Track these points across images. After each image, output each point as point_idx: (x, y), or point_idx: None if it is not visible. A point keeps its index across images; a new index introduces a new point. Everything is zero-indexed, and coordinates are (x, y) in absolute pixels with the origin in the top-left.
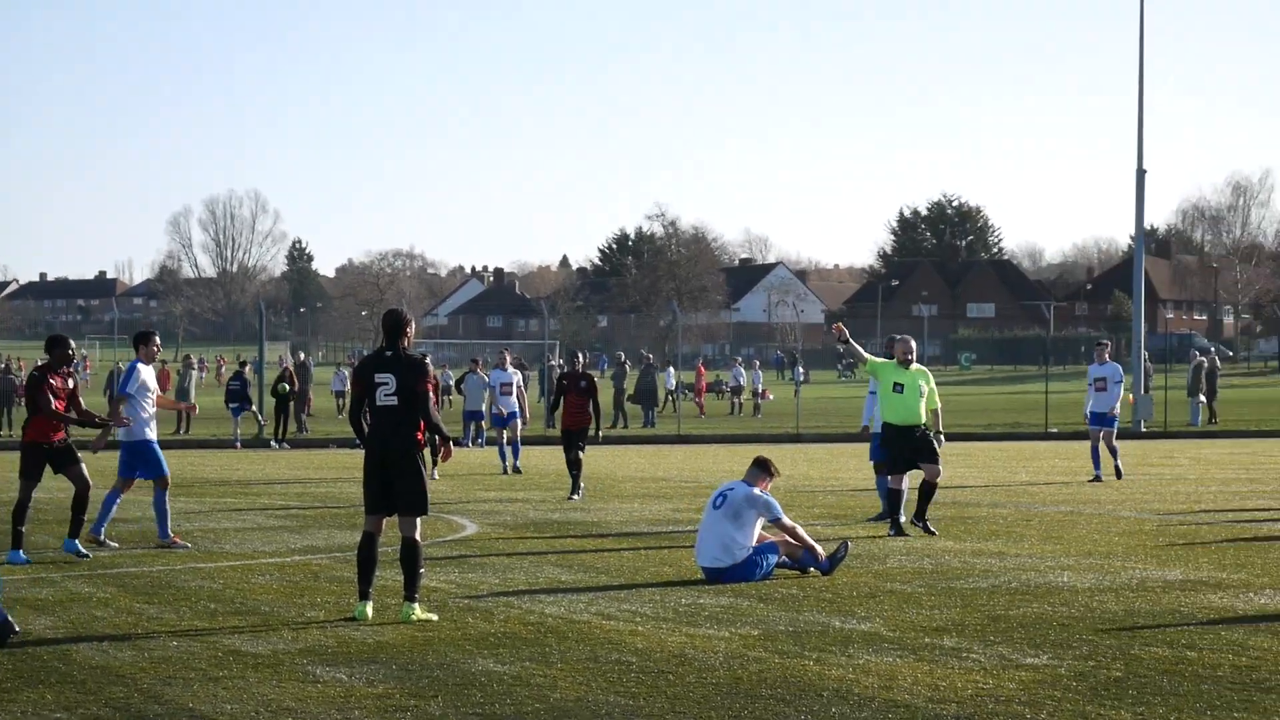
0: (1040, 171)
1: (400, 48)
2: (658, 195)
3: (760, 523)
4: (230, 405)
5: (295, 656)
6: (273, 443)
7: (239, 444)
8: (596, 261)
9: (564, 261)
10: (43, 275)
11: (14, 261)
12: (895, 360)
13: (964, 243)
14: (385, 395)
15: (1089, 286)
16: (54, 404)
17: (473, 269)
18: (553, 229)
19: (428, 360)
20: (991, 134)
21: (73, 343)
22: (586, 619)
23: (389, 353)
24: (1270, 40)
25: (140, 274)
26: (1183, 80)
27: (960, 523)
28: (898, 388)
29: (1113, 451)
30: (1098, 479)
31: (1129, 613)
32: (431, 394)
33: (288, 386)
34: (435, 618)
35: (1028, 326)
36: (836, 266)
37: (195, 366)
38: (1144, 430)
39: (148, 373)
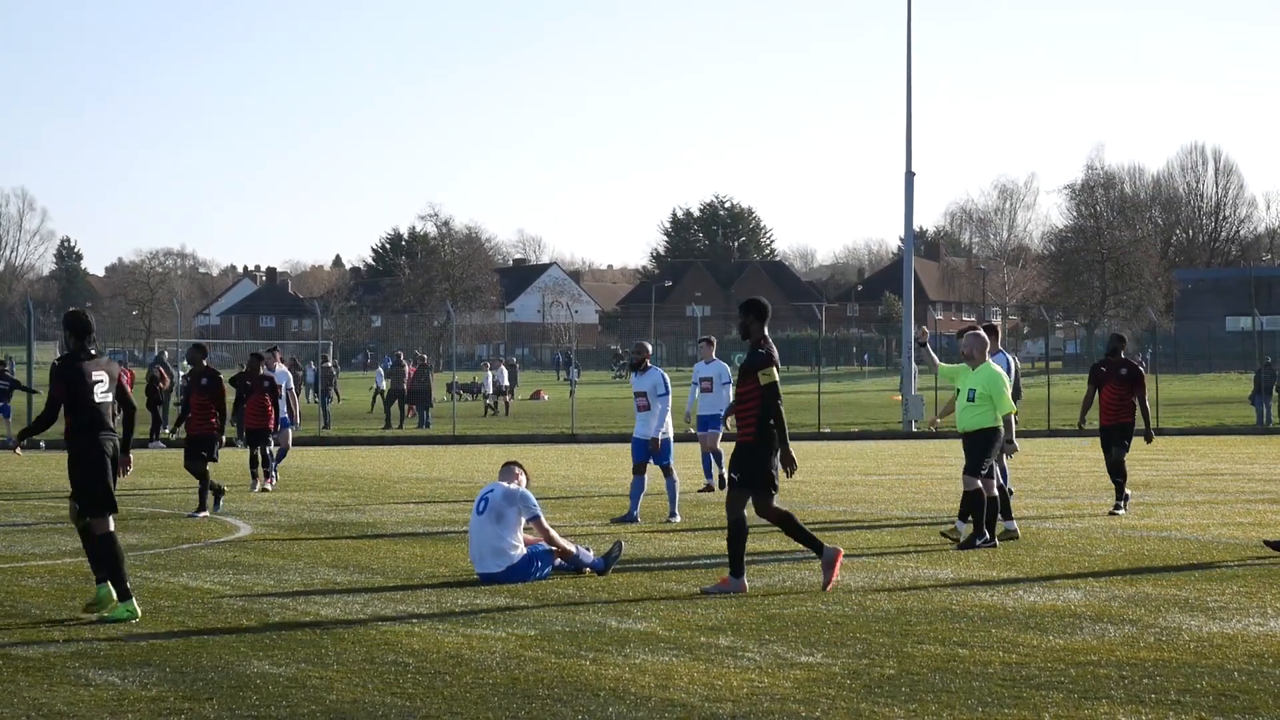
0: (811, 173)
1: (167, 36)
2: (430, 195)
3: (523, 521)
4: None
5: (67, 660)
6: (43, 444)
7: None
8: (370, 261)
9: (337, 261)
10: None
11: None
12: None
13: (737, 244)
14: (102, 393)
15: (860, 288)
16: None
17: (245, 268)
18: (325, 228)
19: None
20: (762, 135)
21: None
22: (362, 620)
23: (93, 352)
24: (1036, 45)
25: None
26: (951, 83)
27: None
28: (971, 395)
29: (717, 457)
30: (709, 488)
31: (901, 611)
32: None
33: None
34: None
35: (800, 327)
36: (610, 267)
37: None
38: (914, 430)
39: None
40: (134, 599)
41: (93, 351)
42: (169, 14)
